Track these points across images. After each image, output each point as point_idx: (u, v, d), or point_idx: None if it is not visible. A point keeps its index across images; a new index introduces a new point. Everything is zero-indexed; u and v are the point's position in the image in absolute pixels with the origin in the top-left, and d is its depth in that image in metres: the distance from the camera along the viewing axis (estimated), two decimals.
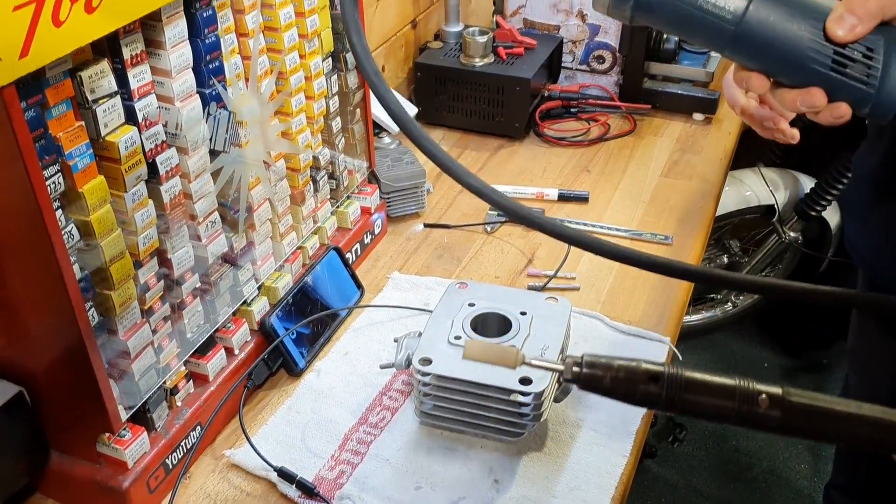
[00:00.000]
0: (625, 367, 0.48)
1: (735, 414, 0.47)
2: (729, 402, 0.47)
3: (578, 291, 1.24)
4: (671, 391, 0.47)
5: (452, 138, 1.65)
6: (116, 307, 0.83)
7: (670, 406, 0.47)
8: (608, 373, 0.48)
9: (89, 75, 0.75)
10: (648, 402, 0.47)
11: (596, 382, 0.48)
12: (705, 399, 0.47)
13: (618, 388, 0.48)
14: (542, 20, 1.71)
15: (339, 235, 1.25)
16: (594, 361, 0.48)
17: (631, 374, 0.47)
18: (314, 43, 1.08)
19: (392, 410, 1.03)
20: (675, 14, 0.65)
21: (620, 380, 0.48)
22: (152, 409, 0.92)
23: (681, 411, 0.47)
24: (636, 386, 0.47)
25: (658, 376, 0.46)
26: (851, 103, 0.66)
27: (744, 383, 0.47)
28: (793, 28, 0.65)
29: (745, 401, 0.46)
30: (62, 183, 0.75)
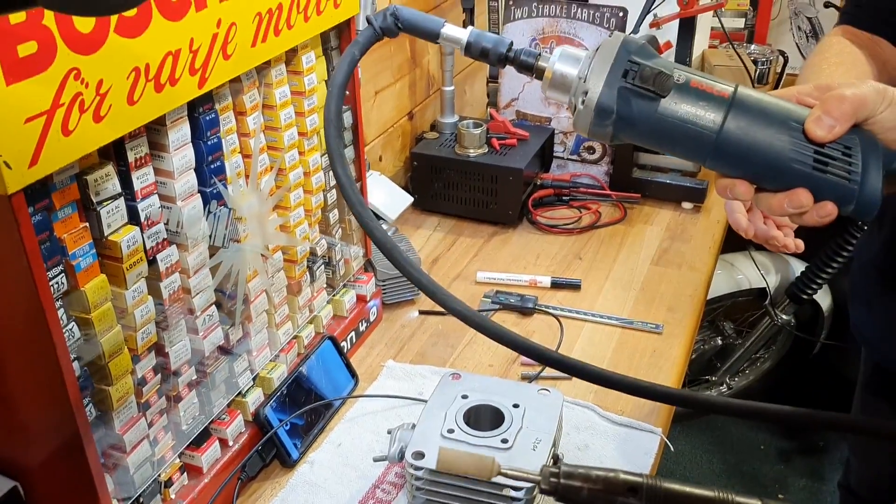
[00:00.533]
0: (603, 478, 0.47)
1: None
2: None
3: (571, 381, 1.25)
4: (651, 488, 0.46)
5: (447, 225, 1.68)
6: (114, 402, 0.84)
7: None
8: (586, 484, 0.47)
9: (95, 179, 0.78)
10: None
11: (573, 494, 0.47)
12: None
13: (596, 500, 0.47)
14: (535, 112, 1.76)
15: (335, 324, 1.27)
16: (571, 472, 0.47)
17: (609, 486, 0.46)
18: (313, 140, 1.12)
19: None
20: (656, 127, 0.68)
21: (598, 491, 0.47)
22: (146, 503, 0.92)
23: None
24: (615, 498, 0.47)
25: (637, 488, 0.46)
26: (836, 201, 0.68)
27: (723, 495, 0.47)
28: (772, 132, 0.68)
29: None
30: (65, 282, 0.77)
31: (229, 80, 0.92)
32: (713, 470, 2.53)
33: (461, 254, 1.59)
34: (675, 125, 0.68)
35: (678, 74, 0.67)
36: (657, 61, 0.67)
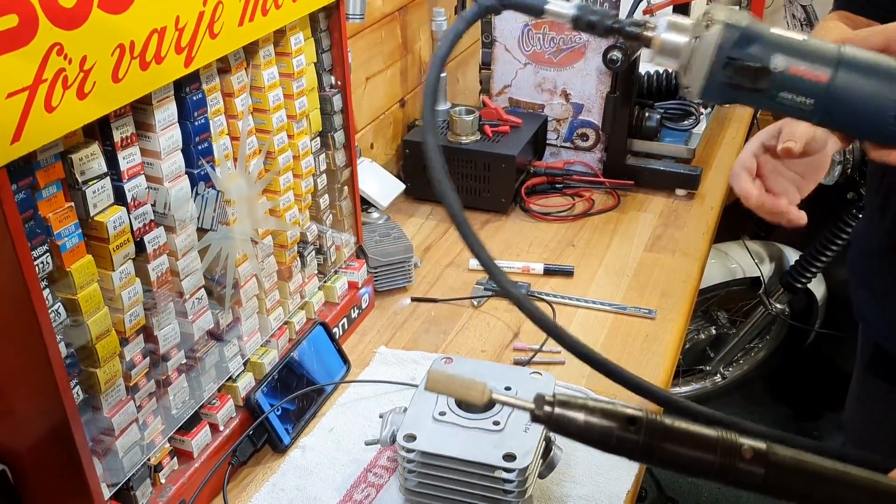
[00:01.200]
0: (600, 408, 0.44)
1: (716, 468, 0.43)
2: (710, 455, 0.43)
3: (564, 366, 1.24)
4: (649, 438, 0.43)
5: (440, 213, 1.67)
6: (101, 385, 0.84)
7: (647, 455, 0.43)
8: (581, 413, 0.44)
9: (80, 158, 0.77)
10: (625, 450, 0.43)
11: (568, 424, 0.44)
12: (685, 450, 0.43)
13: (592, 430, 0.43)
14: (527, 99, 1.75)
15: (327, 310, 1.26)
16: (568, 401, 0.44)
17: (607, 416, 0.43)
18: (302, 123, 1.11)
19: (377, 487, 1.03)
20: (759, 105, 0.67)
21: (594, 423, 0.44)
22: (136, 487, 0.91)
23: (658, 462, 0.43)
24: (612, 430, 0.43)
25: (636, 420, 0.42)
26: None
27: (727, 435, 0.44)
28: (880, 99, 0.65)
29: (728, 454, 0.43)
30: (50, 262, 0.76)
31: (216, 59, 0.91)
32: None
33: (454, 242, 1.58)
34: (775, 106, 0.68)
35: (776, 62, 0.66)
36: (758, 47, 0.66)
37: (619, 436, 0.43)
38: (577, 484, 1.02)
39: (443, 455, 0.93)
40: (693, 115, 1.83)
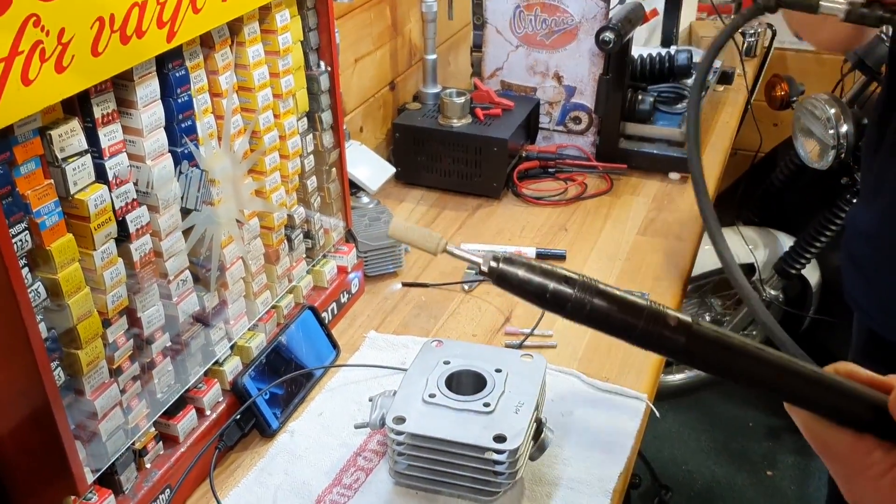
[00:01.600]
0: (541, 267, 0.47)
1: (640, 331, 0.46)
2: (636, 319, 0.46)
3: (555, 349, 1.23)
4: (582, 292, 0.45)
5: (431, 198, 1.66)
6: (84, 367, 0.82)
7: (578, 310, 0.45)
8: (523, 269, 0.47)
9: (59, 134, 0.75)
10: (557, 303, 0.45)
11: (510, 277, 0.47)
12: (614, 310, 0.46)
13: (530, 284, 0.46)
14: (519, 82, 1.74)
15: (315, 294, 1.25)
16: (512, 258, 0.47)
17: (545, 274, 0.46)
18: (289, 103, 1.09)
19: (366, 471, 1.01)
20: None
21: (533, 278, 0.46)
22: (120, 471, 0.90)
23: (587, 319, 0.46)
24: (548, 284, 0.46)
25: (571, 280, 0.45)
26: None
27: (655, 305, 0.46)
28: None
29: (653, 321, 0.45)
30: (29, 241, 0.74)
31: (199, 35, 0.89)
32: (701, 447, 2.52)
33: (445, 227, 1.57)
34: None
35: None
36: None
37: (555, 289, 0.45)
38: (569, 466, 1.01)
39: (433, 437, 0.92)
40: (686, 99, 1.81)
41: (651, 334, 0.46)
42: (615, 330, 0.47)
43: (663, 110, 1.79)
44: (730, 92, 2.14)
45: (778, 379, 0.47)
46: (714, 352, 0.46)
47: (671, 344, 0.46)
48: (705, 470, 2.45)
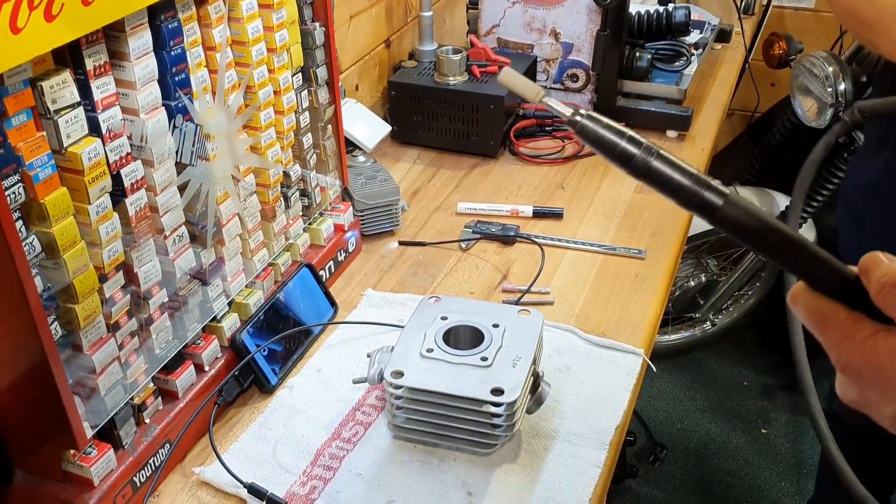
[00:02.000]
0: (616, 127, 0.54)
1: (686, 190, 0.52)
2: (686, 180, 0.52)
3: (552, 306, 1.23)
4: (645, 155, 0.52)
5: (427, 157, 1.65)
6: (81, 321, 0.82)
7: (640, 168, 0.53)
8: (600, 126, 0.53)
9: (50, 85, 0.74)
10: (624, 159, 0.53)
11: (589, 132, 0.54)
12: (668, 171, 0.52)
13: (604, 139, 0.53)
14: (516, 39, 1.72)
15: (312, 253, 1.24)
16: (595, 116, 0.54)
17: (618, 133, 0.53)
18: (283, 57, 1.08)
19: (365, 425, 1.02)
20: None
21: (607, 135, 0.53)
22: (119, 426, 0.90)
23: (644, 175, 0.53)
24: (618, 142, 0.53)
25: (639, 142, 0.53)
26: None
27: (703, 175, 0.53)
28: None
29: (698, 183, 0.52)
30: (22, 193, 0.74)
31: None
32: (697, 407, 2.54)
33: (442, 186, 1.56)
34: None
35: None
36: None
37: (623, 148, 0.53)
38: (566, 420, 1.02)
39: (431, 391, 0.93)
40: (684, 56, 1.80)
41: (694, 195, 0.52)
42: (665, 188, 0.53)
43: (661, 68, 1.77)
44: (727, 50, 2.13)
45: (794, 252, 0.53)
46: (743, 217, 0.52)
47: (709, 204, 0.52)
48: (700, 428, 2.47)
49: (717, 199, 0.52)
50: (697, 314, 2.65)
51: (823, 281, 0.55)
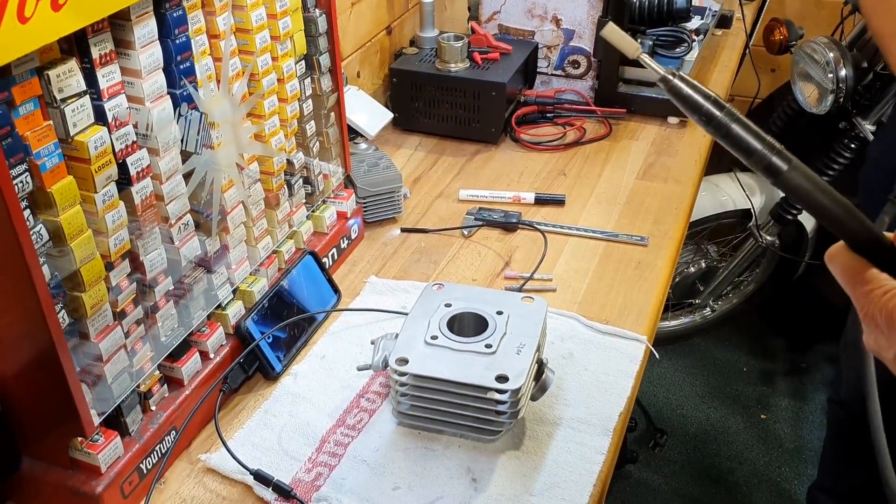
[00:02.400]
0: (704, 90, 0.61)
1: (757, 153, 0.59)
2: (759, 144, 0.59)
3: (555, 293, 1.24)
4: (728, 117, 0.59)
5: (429, 144, 1.65)
6: (88, 309, 0.82)
7: (721, 129, 0.59)
8: (690, 88, 0.60)
9: (57, 74, 0.75)
10: (708, 119, 0.60)
11: (680, 92, 0.60)
12: (745, 135, 0.59)
13: (693, 101, 0.60)
14: (517, 26, 1.72)
15: (316, 240, 1.25)
16: (687, 79, 0.61)
17: (705, 97, 0.60)
18: (286, 45, 1.08)
19: (369, 412, 1.03)
20: None
21: (696, 97, 0.60)
22: (126, 413, 0.91)
23: (724, 136, 0.60)
24: (703, 105, 0.59)
25: (723, 105, 0.59)
26: None
27: (774, 141, 0.60)
28: None
29: (769, 148, 0.59)
30: (30, 182, 0.74)
31: None
32: (696, 392, 2.55)
33: (443, 172, 1.56)
34: None
35: None
36: None
37: (708, 109, 0.60)
38: (570, 406, 1.03)
39: (435, 377, 0.93)
40: (685, 43, 1.79)
41: (764, 157, 0.60)
42: (740, 149, 0.60)
43: (662, 54, 1.77)
44: (728, 36, 2.12)
45: (840, 214, 0.60)
46: (802, 181, 0.60)
47: (775, 168, 0.59)
48: (700, 414, 2.48)
49: (782, 163, 0.59)
50: (697, 300, 2.66)
51: (862, 242, 0.62)
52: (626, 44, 0.66)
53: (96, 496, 0.87)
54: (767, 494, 2.23)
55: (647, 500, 2.24)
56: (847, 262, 0.63)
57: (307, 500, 0.91)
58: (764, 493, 2.24)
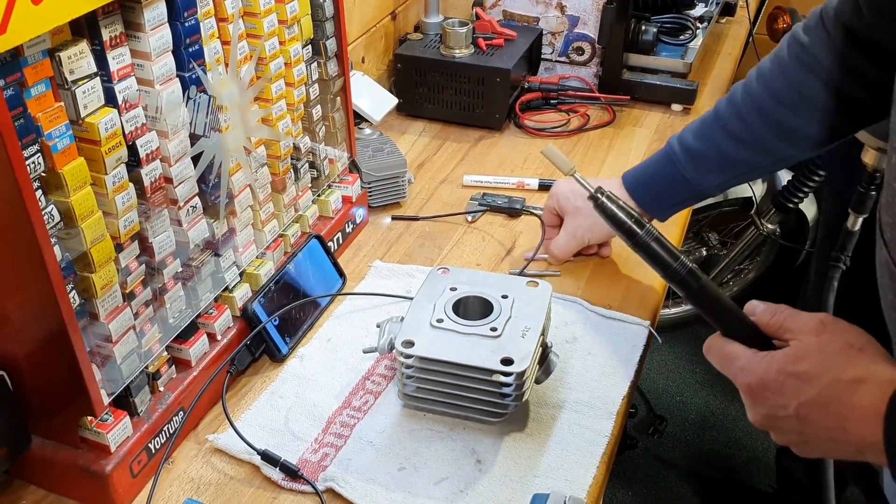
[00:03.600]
0: (628, 209, 0.73)
1: (672, 269, 0.72)
2: (673, 261, 0.72)
3: (559, 278, 1.25)
4: (647, 236, 0.72)
5: (433, 130, 1.65)
6: (98, 290, 0.83)
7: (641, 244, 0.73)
8: (615, 207, 0.74)
9: (68, 56, 0.75)
10: (629, 235, 0.73)
11: (606, 210, 0.75)
12: (662, 252, 0.72)
13: (616, 217, 0.73)
14: (522, 12, 1.72)
15: (321, 224, 1.25)
16: (613, 198, 0.74)
17: (628, 215, 0.72)
18: (294, 29, 1.08)
19: (375, 394, 1.03)
20: None
21: (620, 216, 0.74)
22: (134, 394, 0.92)
23: (643, 249, 0.74)
24: (626, 222, 0.73)
25: (643, 224, 0.73)
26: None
27: (689, 261, 0.73)
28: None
29: (683, 266, 0.73)
30: (42, 163, 0.75)
31: None
32: (696, 379, 2.57)
33: (447, 158, 1.57)
34: None
35: None
36: None
37: (629, 226, 0.69)
38: (573, 390, 1.04)
39: (441, 360, 0.94)
40: (690, 30, 1.80)
41: (676, 273, 0.72)
42: (658, 264, 0.72)
43: (666, 41, 1.77)
44: (732, 24, 2.13)
45: (732, 319, 0.76)
46: (704, 297, 0.75)
47: (687, 284, 0.73)
48: (699, 401, 2.50)
49: (693, 281, 0.73)
50: None
51: (736, 330, 0.74)
52: (561, 162, 0.78)
53: (106, 475, 0.88)
54: (766, 480, 2.25)
55: (646, 486, 2.26)
56: (719, 346, 0.75)
57: (314, 479, 0.92)
58: (762, 478, 2.26)
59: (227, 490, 0.93)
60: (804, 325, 0.71)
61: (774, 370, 0.69)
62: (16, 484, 0.93)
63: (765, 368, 0.69)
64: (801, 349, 0.69)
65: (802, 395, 0.68)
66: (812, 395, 0.67)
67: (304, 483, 0.92)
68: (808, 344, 0.69)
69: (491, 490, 0.91)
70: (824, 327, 0.70)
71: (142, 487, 0.93)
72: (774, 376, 0.69)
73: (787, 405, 0.68)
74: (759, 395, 0.71)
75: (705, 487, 2.26)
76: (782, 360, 0.69)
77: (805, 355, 0.68)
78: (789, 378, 0.68)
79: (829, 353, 0.68)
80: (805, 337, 0.70)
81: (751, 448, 2.35)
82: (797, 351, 0.69)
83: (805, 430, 0.70)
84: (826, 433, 0.69)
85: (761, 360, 0.70)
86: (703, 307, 0.74)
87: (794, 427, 0.70)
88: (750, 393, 0.72)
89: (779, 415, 0.70)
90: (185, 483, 0.94)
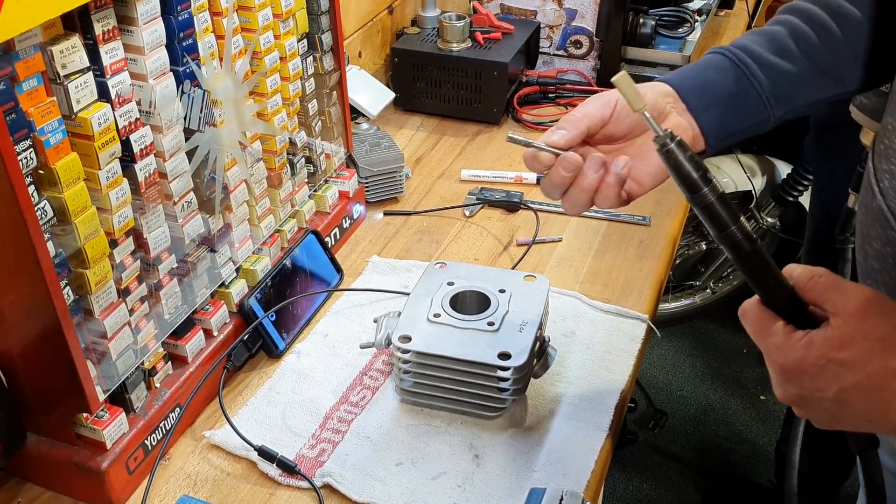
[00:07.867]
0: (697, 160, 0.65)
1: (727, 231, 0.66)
2: (732, 222, 0.66)
3: (557, 271, 1.24)
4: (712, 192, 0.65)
5: (430, 124, 1.65)
6: (92, 286, 0.83)
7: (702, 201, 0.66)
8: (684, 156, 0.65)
9: (60, 50, 0.75)
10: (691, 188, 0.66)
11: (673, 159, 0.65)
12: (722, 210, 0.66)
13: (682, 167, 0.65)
14: (519, 5, 1.71)
15: (318, 219, 1.25)
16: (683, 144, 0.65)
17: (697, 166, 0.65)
18: (289, 23, 1.08)
19: (372, 390, 1.03)
20: None
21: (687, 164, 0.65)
22: (130, 390, 0.91)
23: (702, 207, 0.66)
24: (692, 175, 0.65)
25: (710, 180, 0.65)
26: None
27: (745, 223, 0.67)
28: None
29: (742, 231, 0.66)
30: (34, 158, 0.74)
31: None
32: (696, 373, 2.56)
33: (445, 153, 1.56)
34: None
35: None
36: None
37: (694, 179, 0.64)
38: (571, 384, 1.03)
39: (438, 355, 0.94)
40: (688, 23, 1.79)
41: (730, 235, 0.66)
42: (714, 224, 0.66)
43: (664, 34, 1.77)
44: (730, 17, 2.12)
45: (774, 285, 0.70)
46: (756, 263, 0.68)
47: (741, 248, 0.67)
48: (700, 395, 2.49)
49: (748, 245, 0.67)
50: (698, 282, 2.66)
51: (776, 300, 0.70)
52: (633, 96, 0.67)
53: (102, 472, 0.87)
54: (766, 475, 2.25)
55: (646, 480, 2.26)
56: (757, 316, 0.71)
57: (311, 475, 0.92)
58: (763, 473, 2.26)
59: (224, 486, 0.93)
60: (848, 303, 0.67)
61: (814, 354, 0.66)
62: (12, 481, 0.93)
63: (802, 352, 0.66)
64: (847, 335, 0.66)
65: (844, 380, 0.65)
66: (855, 381, 0.65)
67: (301, 479, 0.92)
68: (853, 328, 0.66)
69: (489, 485, 0.91)
70: (869, 310, 0.66)
71: (138, 484, 0.93)
72: (814, 360, 0.66)
73: (826, 389, 0.66)
74: (793, 377, 0.68)
75: (706, 482, 2.26)
76: (823, 344, 0.66)
77: (850, 342, 0.65)
78: (830, 363, 0.65)
79: (876, 340, 0.65)
80: (849, 319, 0.66)
81: (751, 442, 2.34)
82: (842, 336, 0.66)
83: (840, 412, 0.68)
84: (865, 416, 0.67)
85: (798, 341, 0.67)
86: (752, 273, 0.69)
87: (828, 408, 0.68)
88: (783, 373, 0.69)
89: (814, 396, 0.68)
90: (182, 479, 0.93)
